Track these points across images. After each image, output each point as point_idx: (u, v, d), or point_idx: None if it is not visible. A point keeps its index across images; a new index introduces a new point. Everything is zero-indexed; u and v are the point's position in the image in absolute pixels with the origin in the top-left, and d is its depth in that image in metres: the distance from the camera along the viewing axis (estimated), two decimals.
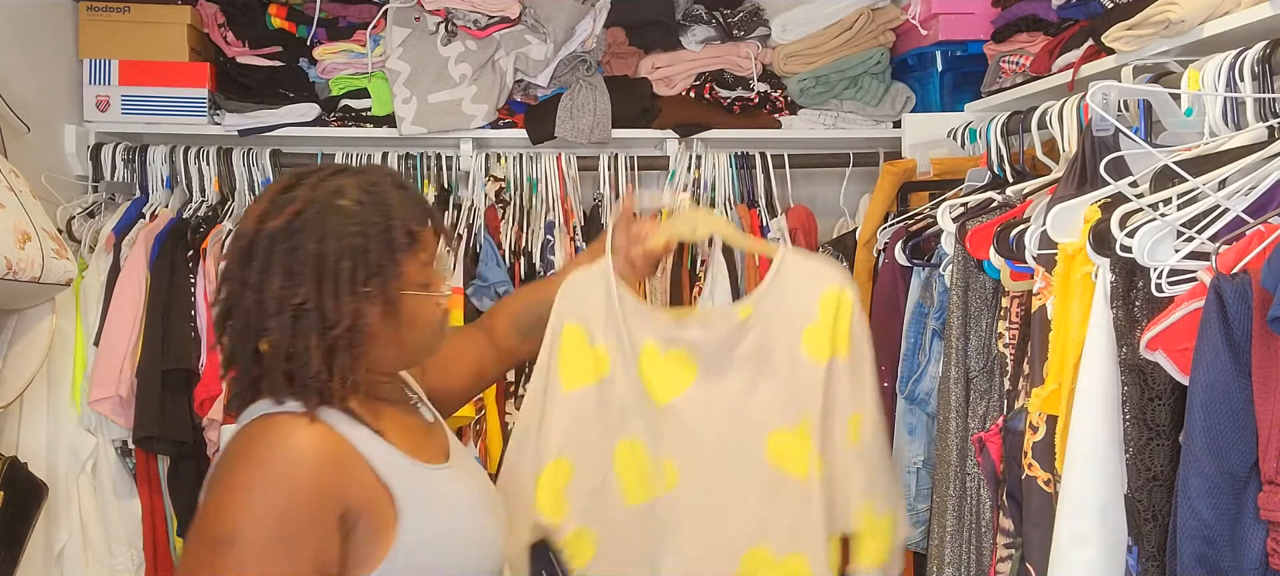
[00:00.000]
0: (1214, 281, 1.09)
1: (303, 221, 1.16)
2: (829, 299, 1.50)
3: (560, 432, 1.52)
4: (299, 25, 2.69)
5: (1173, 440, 1.23)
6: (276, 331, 1.15)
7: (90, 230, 2.46)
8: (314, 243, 1.15)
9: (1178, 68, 1.58)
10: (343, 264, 1.15)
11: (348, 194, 1.19)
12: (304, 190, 1.18)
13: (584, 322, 1.52)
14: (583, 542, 1.53)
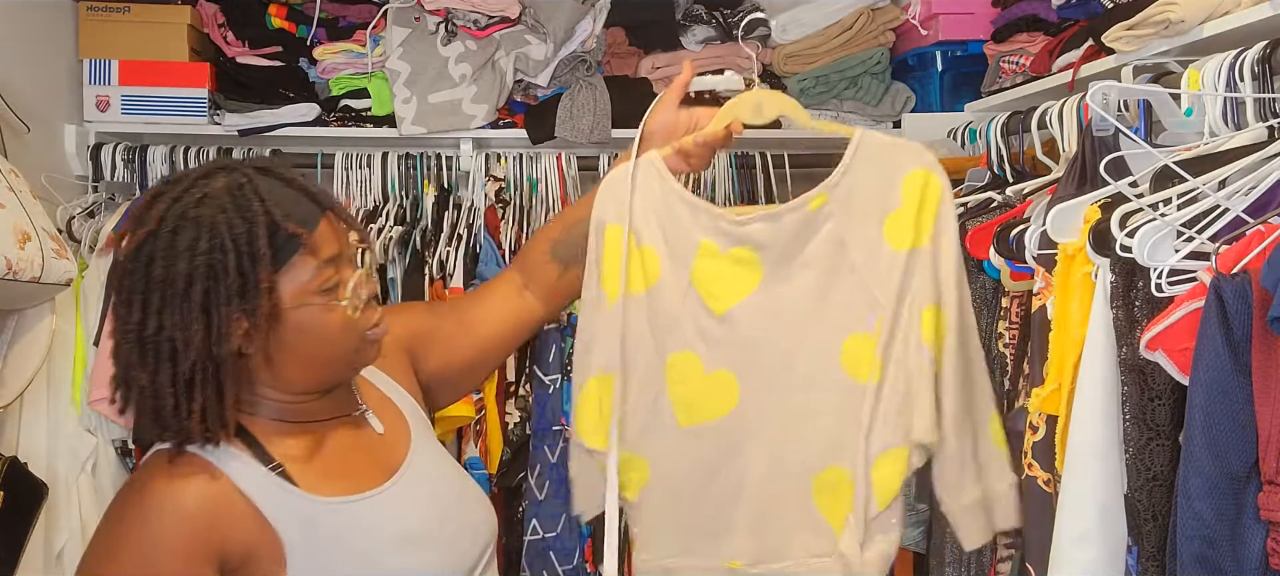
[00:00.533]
0: (1214, 281, 1.09)
1: (154, 243, 1.06)
2: (914, 181, 1.29)
3: (604, 347, 1.35)
4: (299, 25, 2.69)
5: (1173, 440, 1.23)
6: (131, 366, 1.07)
7: (90, 230, 2.46)
8: (161, 265, 1.05)
9: (1178, 68, 1.58)
10: (194, 287, 1.05)
11: (209, 203, 1.07)
12: (162, 204, 1.08)
13: (628, 222, 1.35)
14: (632, 471, 1.37)
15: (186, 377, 1.06)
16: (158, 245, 1.06)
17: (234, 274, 1.05)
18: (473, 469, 2.39)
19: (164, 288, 1.05)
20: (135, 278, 1.06)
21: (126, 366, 1.08)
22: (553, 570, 2.34)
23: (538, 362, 2.41)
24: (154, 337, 1.05)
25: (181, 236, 1.06)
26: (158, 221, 1.07)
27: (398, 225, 2.52)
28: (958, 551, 1.78)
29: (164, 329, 1.05)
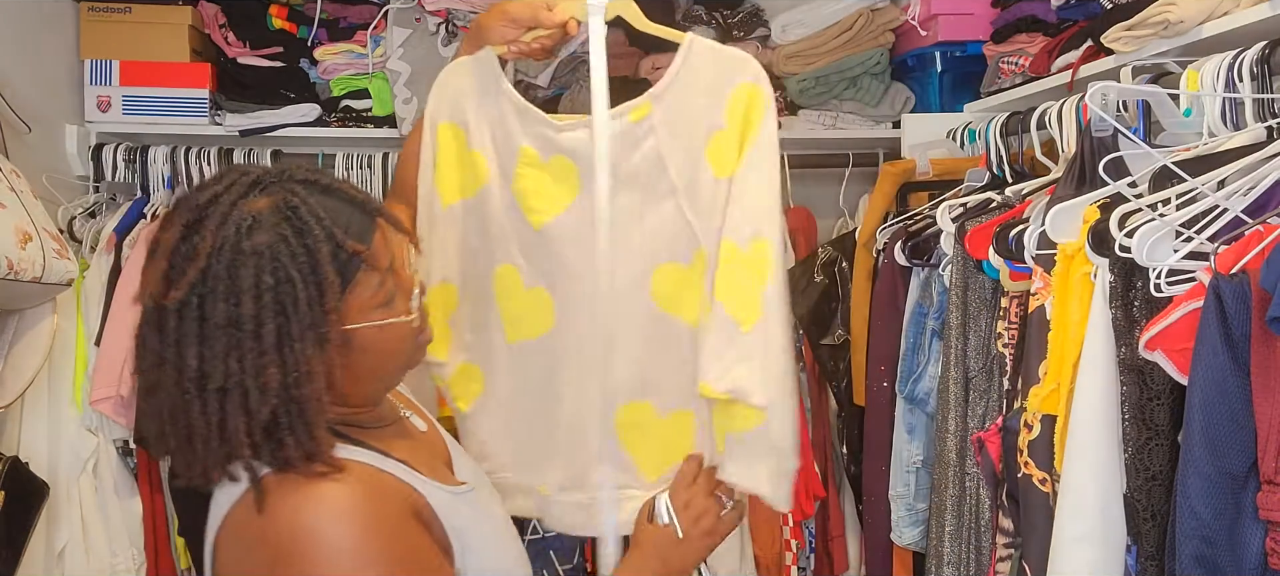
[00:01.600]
0: (1213, 281, 1.09)
1: (209, 283, 0.95)
2: (739, 97, 1.22)
3: (441, 254, 1.29)
4: (300, 26, 2.70)
5: (1172, 440, 1.23)
6: (199, 413, 0.96)
7: (91, 230, 2.46)
8: (224, 307, 0.94)
9: (1177, 68, 1.58)
10: (264, 327, 0.94)
11: (262, 229, 0.96)
12: (208, 234, 0.96)
13: (461, 121, 1.28)
14: (468, 380, 1.32)
15: (265, 424, 0.95)
16: (215, 285, 0.95)
17: (305, 307, 0.95)
18: None
19: (229, 332, 0.94)
20: (189, 323, 0.95)
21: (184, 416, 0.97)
22: (553, 569, 2.34)
23: None
24: (220, 389, 0.95)
25: (242, 273, 0.94)
26: (207, 256, 0.95)
27: None
28: (957, 551, 1.79)
29: (232, 376, 0.94)
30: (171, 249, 0.98)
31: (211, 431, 0.96)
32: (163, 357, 0.97)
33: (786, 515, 2.45)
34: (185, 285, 0.95)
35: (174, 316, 0.96)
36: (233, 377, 0.94)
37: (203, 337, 0.95)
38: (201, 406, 0.96)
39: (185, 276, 0.96)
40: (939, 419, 1.84)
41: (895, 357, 2.05)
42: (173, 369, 0.97)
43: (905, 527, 2.03)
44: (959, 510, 1.78)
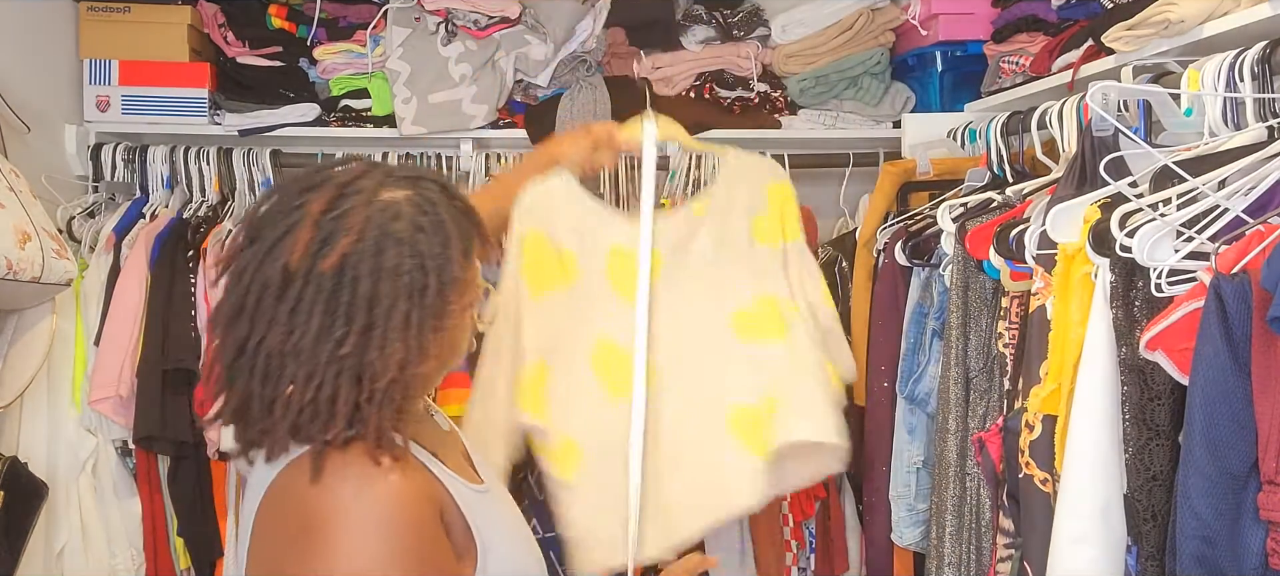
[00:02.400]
0: (1214, 281, 1.09)
1: (358, 255, 1.00)
2: (775, 191, 1.68)
3: (535, 337, 1.57)
4: (299, 25, 2.69)
5: (1172, 440, 1.23)
6: (304, 378, 0.99)
7: (90, 230, 2.46)
8: (368, 281, 1.00)
9: (1177, 68, 1.58)
10: (397, 307, 1.01)
11: (403, 215, 1.03)
12: (358, 211, 1.02)
13: (546, 229, 1.60)
14: (568, 452, 1.56)
15: (368, 397, 1.00)
16: (361, 260, 1.00)
17: (433, 297, 1.03)
18: None
19: (368, 307, 0.99)
20: (326, 292, 0.99)
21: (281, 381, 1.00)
22: (553, 569, 2.34)
23: None
24: (340, 358, 0.99)
25: (386, 255, 1.00)
26: (358, 232, 1.00)
27: None
28: (958, 551, 1.79)
29: (360, 348, 0.99)
30: (317, 219, 1.01)
31: (313, 399, 0.99)
32: (277, 321, 1.00)
33: (786, 515, 2.45)
34: (337, 254, 1.00)
35: (311, 283, 1.00)
36: (359, 350, 0.99)
37: (337, 308, 0.99)
38: (309, 373, 0.99)
39: (336, 247, 1.00)
40: (939, 419, 1.84)
41: (895, 357, 2.05)
42: (288, 332, 0.99)
43: (906, 528, 2.03)
44: (960, 510, 1.78)
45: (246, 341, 1.01)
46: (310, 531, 0.98)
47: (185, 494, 2.39)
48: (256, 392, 1.01)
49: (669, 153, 2.70)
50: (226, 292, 1.04)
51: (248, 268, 1.02)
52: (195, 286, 2.40)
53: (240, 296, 1.02)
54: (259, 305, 1.00)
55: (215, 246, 2.42)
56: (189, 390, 2.34)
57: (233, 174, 2.61)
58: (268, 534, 1.03)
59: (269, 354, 1.00)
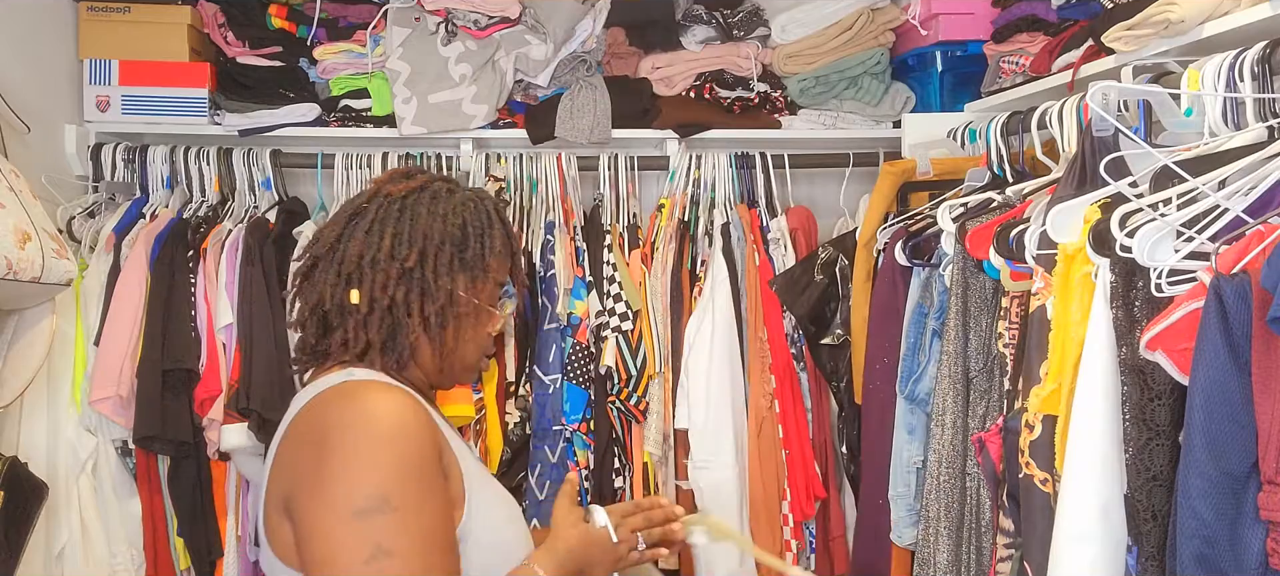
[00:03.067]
0: (1214, 281, 1.09)
1: (420, 195, 1.26)
2: None
3: None
4: (299, 25, 2.69)
5: (1173, 440, 1.23)
6: (378, 286, 1.21)
7: (90, 230, 2.46)
8: (426, 216, 1.24)
9: (1178, 68, 1.58)
10: (446, 245, 1.24)
11: (458, 192, 1.29)
12: (423, 177, 1.30)
13: None
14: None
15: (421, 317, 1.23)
16: (419, 201, 1.25)
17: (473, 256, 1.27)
18: None
19: (426, 235, 1.24)
20: (398, 213, 1.24)
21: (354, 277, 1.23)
22: None
23: (538, 363, 2.41)
24: (409, 270, 1.22)
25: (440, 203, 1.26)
26: (423, 183, 1.28)
27: None
28: (958, 551, 1.78)
29: (419, 267, 1.23)
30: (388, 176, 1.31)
31: (380, 301, 1.21)
32: (349, 236, 1.24)
33: (786, 515, 2.45)
34: (403, 188, 1.27)
35: (378, 207, 1.25)
36: (419, 268, 1.22)
37: (402, 231, 1.23)
38: (382, 278, 1.21)
39: (402, 184, 1.27)
40: (939, 419, 1.84)
41: (895, 357, 2.05)
42: (359, 245, 1.23)
43: (905, 528, 2.02)
44: (960, 510, 1.78)
45: (319, 255, 1.25)
46: (329, 441, 1.10)
47: (185, 494, 2.39)
48: (329, 294, 1.22)
49: (668, 152, 2.71)
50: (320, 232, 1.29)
51: (340, 215, 1.28)
52: (195, 286, 2.40)
53: (329, 226, 1.27)
54: (332, 226, 1.26)
55: (215, 246, 2.42)
56: (188, 390, 2.35)
57: (233, 174, 2.61)
58: (295, 445, 1.16)
59: (344, 260, 1.23)
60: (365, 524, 1.05)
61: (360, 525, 1.05)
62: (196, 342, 2.37)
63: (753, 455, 2.43)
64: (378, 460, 1.08)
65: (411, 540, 1.06)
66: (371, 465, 1.08)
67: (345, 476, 1.07)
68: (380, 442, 1.09)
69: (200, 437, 2.36)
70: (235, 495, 2.45)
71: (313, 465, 1.10)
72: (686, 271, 2.56)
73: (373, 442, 1.09)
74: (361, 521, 1.05)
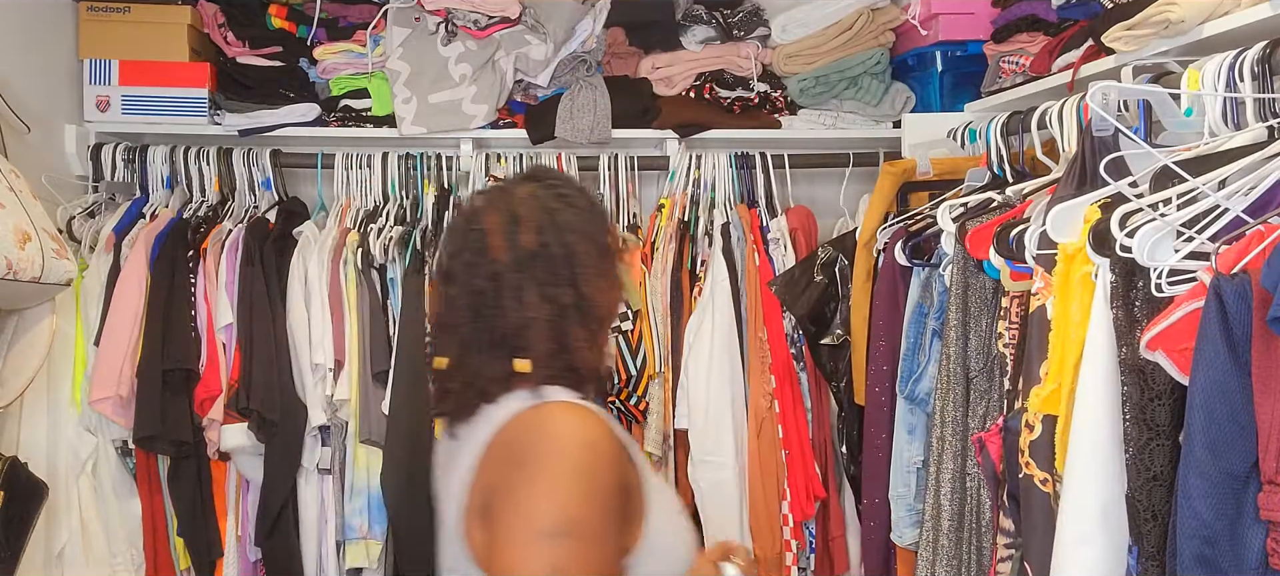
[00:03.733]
0: (1214, 281, 1.09)
1: (541, 227, 1.26)
2: None
3: None
4: (299, 25, 2.69)
5: (1173, 440, 1.23)
6: (547, 334, 1.24)
7: (90, 230, 2.46)
8: (559, 240, 1.26)
9: (1178, 68, 1.58)
10: (589, 249, 1.28)
11: (541, 196, 1.30)
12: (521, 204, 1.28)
13: None
14: None
15: (590, 332, 1.28)
16: (545, 230, 1.26)
17: (603, 240, 1.31)
18: None
19: (569, 259, 1.26)
20: (546, 257, 1.26)
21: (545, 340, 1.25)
22: None
23: None
24: (568, 305, 1.25)
25: (559, 216, 1.27)
26: (532, 215, 1.27)
27: (398, 225, 2.52)
28: (958, 551, 1.78)
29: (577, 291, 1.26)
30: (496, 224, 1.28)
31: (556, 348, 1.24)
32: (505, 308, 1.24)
33: (786, 515, 2.45)
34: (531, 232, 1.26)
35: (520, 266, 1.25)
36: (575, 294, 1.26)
37: (551, 272, 1.25)
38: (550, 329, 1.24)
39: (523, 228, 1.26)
40: (939, 419, 1.84)
41: (895, 357, 2.05)
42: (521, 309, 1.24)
43: (906, 528, 2.02)
44: (960, 510, 1.78)
45: (481, 336, 1.25)
46: (527, 462, 1.16)
47: (185, 494, 2.39)
48: (497, 371, 1.24)
49: (668, 152, 2.71)
50: (444, 317, 1.29)
51: (458, 290, 1.27)
52: (195, 286, 2.40)
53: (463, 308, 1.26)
54: (481, 303, 1.25)
55: (215, 246, 2.42)
56: (189, 390, 2.35)
57: (233, 174, 2.61)
58: (496, 460, 1.20)
59: (507, 333, 1.24)
60: (549, 545, 1.11)
61: (544, 545, 1.11)
62: (196, 342, 2.37)
63: (752, 455, 2.43)
64: (568, 487, 1.14)
65: (586, 568, 1.12)
66: (562, 491, 1.14)
67: (538, 498, 1.14)
68: (572, 471, 1.15)
69: (200, 437, 2.36)
70: (235, 495, 2.45)
71: (510, 483, 1.17)
72: (686, 271, 2.56)
73: (566, 469, 1.15)
74: (546, 542, 1.11)
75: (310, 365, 2.37)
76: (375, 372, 2.38)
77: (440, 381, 1.30)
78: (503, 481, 1.18)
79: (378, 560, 2.41)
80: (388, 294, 2.47)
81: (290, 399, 2.36)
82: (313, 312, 2.39)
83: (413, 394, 2.36)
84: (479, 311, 1.25)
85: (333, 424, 2.40)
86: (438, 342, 1.32)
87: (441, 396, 1.30)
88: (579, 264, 1.26)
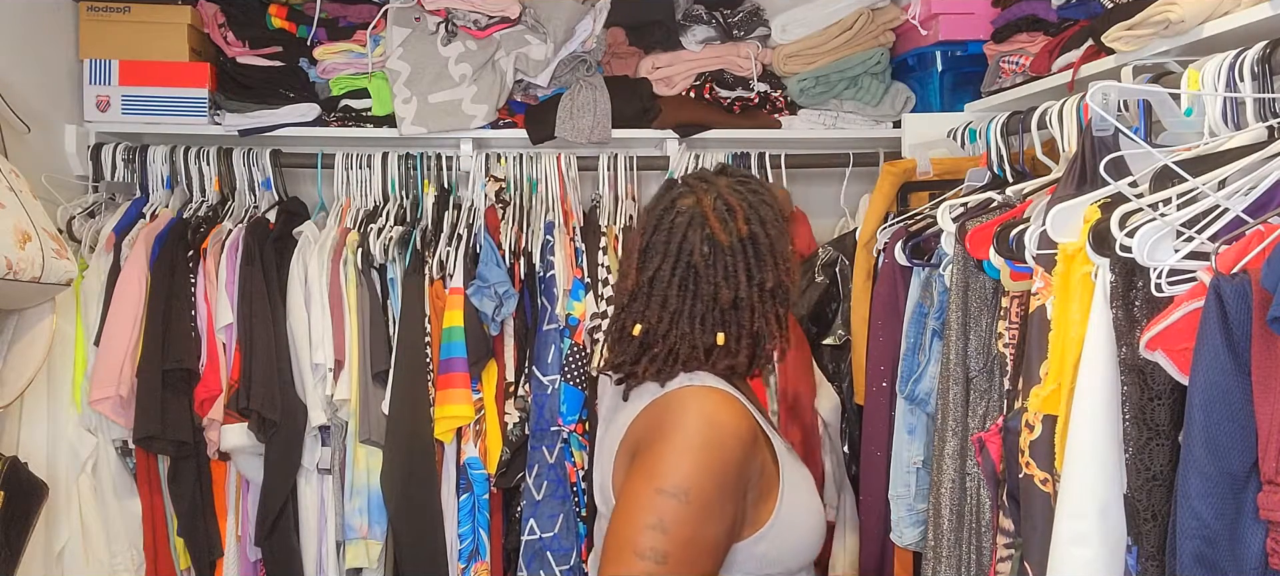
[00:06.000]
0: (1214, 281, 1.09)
1: (751, 217, 1.40)
2: None
3: None
4: (299, 25, 2.69)
5: (1172, 440, 1.23)
6: (748, 319, 1.39)
7: (90, 230, 2.46)
8: (765, 233, 1.40)
9: (1178, 68, 1.58)
10: (785, 243, 1.42)
11: (738, 193, 1.42)
12: (729, 194, 1.42)
13: None
14: None
15: (780, 319, 1.43)
16: (753, 221, 1.40)
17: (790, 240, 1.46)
18: (472, 469, 2.39)
19: (773, 250, 1.41)
20: (756, 246, 1.39)
21: (748, 318, 1.40)
22: (550, 570, 2.34)
23: (537, 363, 2.41)
24: (772, 290, 1.40)
25: (762, 210, 1.41)
26: (741, 206, 1.40)
27: (398, 225, 2.53)
28: (958, 551, 1.78)
29: (777, 279, 1.41)
30: (711, 208, 1.41)
31: (762, 324, 1.41)
32: (717, 285, 1.38)
33: None
34: (743, 221, 1.40)
35: (735, 249, 1.38)
36: (775, 281, 1.40)
37: (757, 256, 1.39)
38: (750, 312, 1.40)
39: (738, 216, 1.40)
40: (939, 419, 1.84)
41: (895, 357, 2.05)
42: (731, 289, 1.38)
43: (906, 528, 2.02)
44: (960, 510, 1.78)
45: (689, 307, 1.38)
46: (665, 432, 1.31)
47: (185, 494, 2.39)
48: (701, 341, 1.39)
49: (668, 152, 2.71)
50: (642, 287, 1.41)
51: (665, 262, 1.39)
52: (195, 286, 2.40)
53: (670, 280, 1.39)
54: (692, 277, 1.38)
55: (215, 246, 2.42)
56: (189, 390, 2.35)
57: (233, 174, 2.61)
58: (646, 425, 1.35)
59: (719, 307, 1.38)
60: (660, 500, 1.24)
61: (657, 499, 1.24)
62: (196, 342, 2.37)
63: None
64: (690, 456, 1.27)
65: (687, 532, 1.24)
66: (685, 458, 1.27)
67: (664, 458, 1.28)
68: (697, 443, 1.28)
69: (200, 437, 2.36)
70: (235, 495, 2.45)
71: (650, 443, 1.31)
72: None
73: (692, 441, 1.29)
74: (659, 497, 1.24)
75: (310, 365, 2.37)
76: (375, 372, 2.38)
77: (641, 346, 1.41)
78: (645, 441, 1.32)
79: (378, 560, 2.41)
80: (388, 294, 2.47)
81: (290, 399, 2.36)
82: (313, 313, 2.39)
83: (412, 394, 2.37)
84: (691, 284, 1.38)
85: (333, 424, 2.40)
86: (632, 311, 1.42)
87: (638, 360, 1.41)
88: (778, 253, 1.40)
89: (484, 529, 2.40)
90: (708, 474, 1.27)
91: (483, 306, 2.38)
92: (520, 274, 2.48)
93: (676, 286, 1.39)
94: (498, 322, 2.42)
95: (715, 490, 1.27)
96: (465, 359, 2.35)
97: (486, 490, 2.40)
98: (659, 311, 1.39)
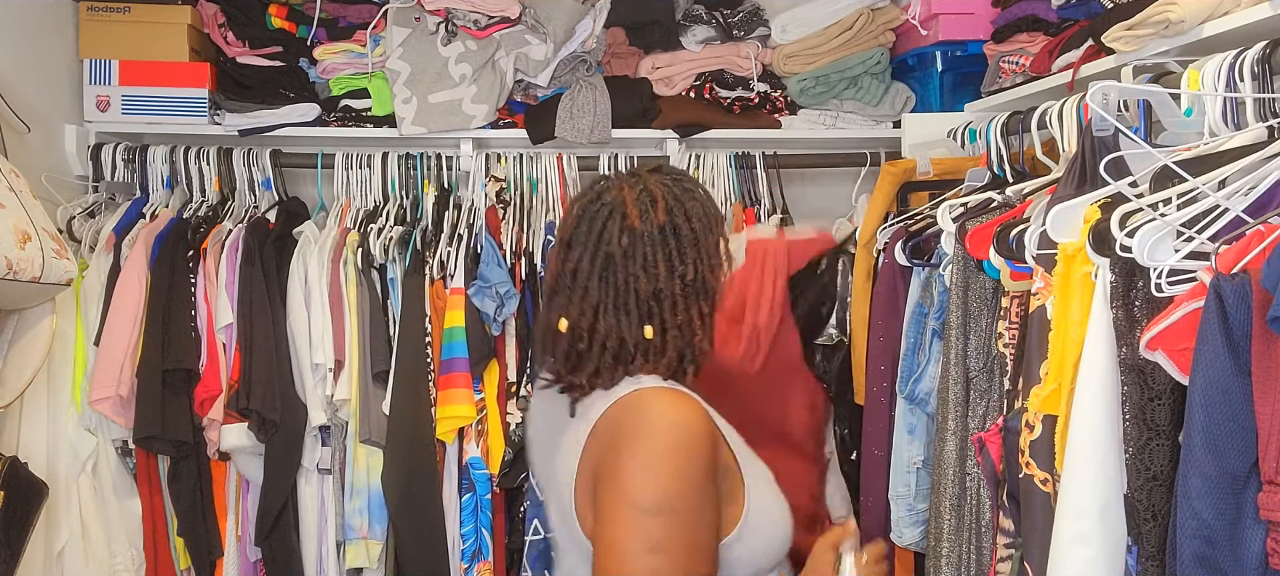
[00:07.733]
0: (1214, 281, 1.09)
1: (673, 206, 1.34)
2: None
3: None
4: (299, 25, 2.69)
5: (1173, 440, 1.23)
6: (668, 310, 1.32)
7: (91, 230, 2.46)
8: (687, 221, 1.34)
9: (1178, 68, 1.58)
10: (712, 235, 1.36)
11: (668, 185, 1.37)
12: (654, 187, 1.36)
13: None
14: None
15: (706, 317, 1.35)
16: (675, 209, 1.33)
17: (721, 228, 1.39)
18: (474, 469, 2.39)
19: (695, 241, 1.34)
20: (676, 235, 1.33)
21: (669, 310, 1.32)
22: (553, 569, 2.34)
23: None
24: (692, 281, 1.33)
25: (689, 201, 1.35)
26: (663, 196, 1.34)
27: (398, 225, 2.52)
28: (958, 551, 1.78)
29: (698, 272, 1.34)
30: (632, 198, 1.34)
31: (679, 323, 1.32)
32: (633, 275, 1.31)
33: None
34: (662, 210, 1.33)
35: (650, 238, 1.32)
36: (697, 274, 1.33)
37: (677, 247, 1.33)
38: (671, 304, 1.31)
39: (658, 206, 1.33)
40: (939, 419, 1.84)
41: (895, 357, 2.05)
42: (650, 279, 1.31)
43: (906, 527, 2.02)
44: (960, 510, 1.78)
45: (611, 298, 1.31)
46: (625, 446, 1.24)
47: (185, 494, 2.39)
48: (628, 334, 1.30)
49: (669, 151, 2.71)
50: (565, 280, 1.34)
51: (584, 253, 1.32)
52: (195, 286, 2.40)
53: (590, 271, 1.32)
54: (611, 268, 1.31)
55: (215, 246, 2.42)
56: (189, 390, 2.35)
57: (233, 174, 2.61)
58: (600, 444, 1.27)
59: (639, 298, 1.31)
60: (649, 520, 1.18)
61: (645, 520, 1.18)
62: (196, 342, 2.37)
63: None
64: (662, 464, 1.21)
65: (683, 544, 1.19)
66: (658, 468, 1.21)
67: (635, 474, 1.21)
68: (666, 448, 1.22)
69: (200, 437, 2.36)
70: (235, 495, 2.45)
71: (612, 463, 1.24)
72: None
73: (660, 447, 1.22)
74: (645, 518, 1.18)
75: (310, 365, 2.37)
76: (375, 373, 2.38)
77: (569, 345, 1.33)
78: (606, 462, 1.25)
79: (378, 560, 2.41)
80: (388, 294, 2.47)
81: (290, 399, 2.36)
82: (313, 312, 2.39)
83: (413, 393, 2.37)
84: (609, 274, 1.32)
85: (333, 424, 2.40)
86: (554, 305, 1.36)
87: (574, 362, 1.33)
88: (702, 245, 1.34)
89: (487, 529, 2.40)
90: (684, 478, 1.21)
91: (484, 307, 2.38)
92: (521, 274, 2.48)
93: (597, 277, 1.32)
94: (499, 323, 2.42)
95: (696, 493, 1.22)
96: (467, 359, 2.35)
97: (489, 490, 2.40)
98: (580, 304, 1.32)
